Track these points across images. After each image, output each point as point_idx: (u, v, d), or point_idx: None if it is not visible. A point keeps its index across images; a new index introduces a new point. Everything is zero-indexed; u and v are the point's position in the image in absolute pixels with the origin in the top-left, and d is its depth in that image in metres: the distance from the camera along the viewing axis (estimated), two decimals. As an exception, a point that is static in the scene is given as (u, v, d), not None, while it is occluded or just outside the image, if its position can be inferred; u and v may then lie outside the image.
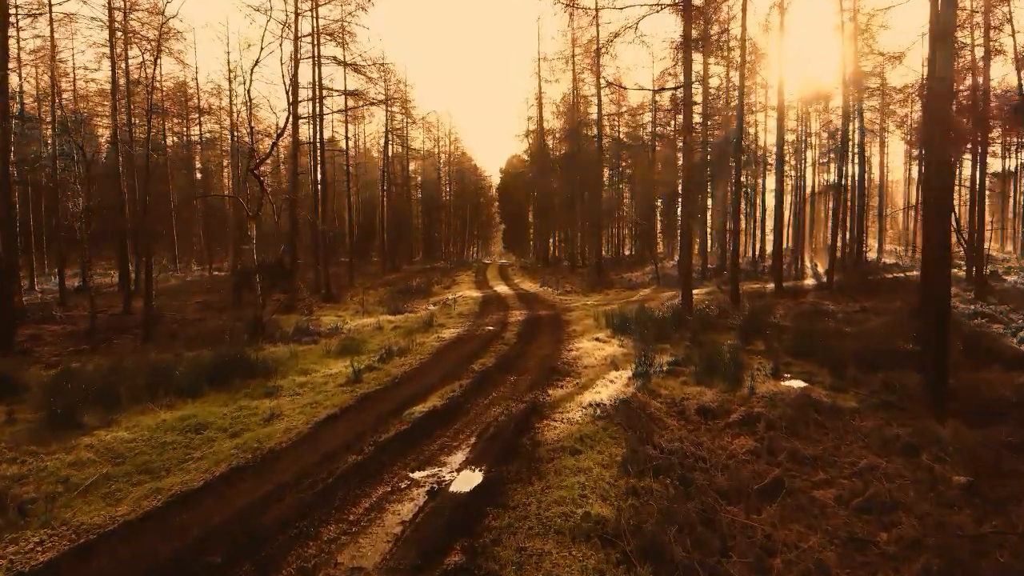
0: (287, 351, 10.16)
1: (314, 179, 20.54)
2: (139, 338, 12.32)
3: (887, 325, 11.69)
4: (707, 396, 6.46)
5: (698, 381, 7.14)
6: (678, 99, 31.33)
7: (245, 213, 11.37)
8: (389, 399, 6.35)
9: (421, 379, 7.24)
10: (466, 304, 16.07)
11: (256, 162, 11.13)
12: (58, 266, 18.01)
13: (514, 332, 10.63)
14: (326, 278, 19.57)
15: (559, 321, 12.35)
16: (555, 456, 4.45)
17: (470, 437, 4.94)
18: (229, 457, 4.80)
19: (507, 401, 6.08)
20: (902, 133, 40.16)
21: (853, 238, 27.63)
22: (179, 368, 8.40)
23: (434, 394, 6.33)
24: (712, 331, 10.87)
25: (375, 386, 7.03)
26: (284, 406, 6.39)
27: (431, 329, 11.55)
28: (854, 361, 8.21)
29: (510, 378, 7.13)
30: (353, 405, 6.17)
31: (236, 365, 8.24)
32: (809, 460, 5.10)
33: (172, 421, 6.05)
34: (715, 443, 5.28)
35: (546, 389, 6.61)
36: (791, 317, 12.58)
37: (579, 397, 6.19)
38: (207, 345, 11.22)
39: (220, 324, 14.15)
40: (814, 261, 35.72)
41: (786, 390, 6.79)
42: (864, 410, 6.36)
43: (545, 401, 6.10)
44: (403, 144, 38.59)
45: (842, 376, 7.66)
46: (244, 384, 7.62)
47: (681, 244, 12.88)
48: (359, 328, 12.92)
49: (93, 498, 4.37)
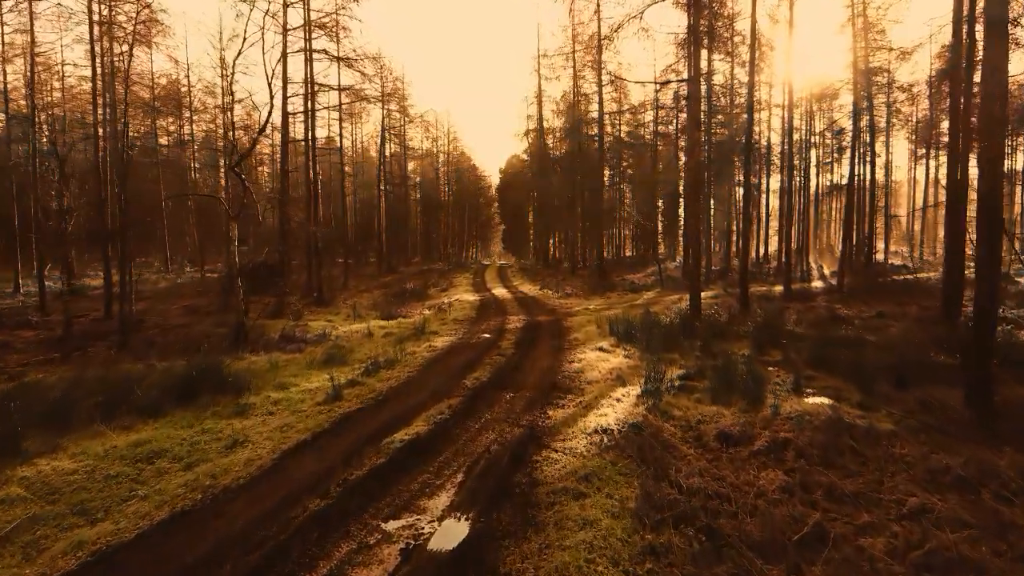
0: (267, 361, 9.46)
1: (307, 178, 19.82)
2: (114, 346, 11.63)
3: (908, 332, 11.02)
4: (726, 418, 5.76)
5: (714, 399, 6.45)
6: (681, 96, 30.69)
7: (227, 213, 10.67)
8: (369, 421, 5.66)
9: (407, 396, 6.54)
10: (462, 309, 15.37)
11: (236, 159, 10.45)
12: (37, 268, 17.26)
13: (511, 341, 9.94)
14: (318, 281, 18.87)
15: (560, 328, 11.66)
16: (556, 501, 3.76)
17: (457, 473, 4.24)
18: (175, 498, 4.11)
19: (501, 425, 5.39)
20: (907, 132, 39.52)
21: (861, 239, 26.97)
22: (150, 380, 7.75)
23: (419, 416, 5.63)
24: (723, 339, 10.18)
25: (356, 404, 6.34)
26: (252, 429, 5.69)
27: (423, 337, 10.86)
28: (882, 375, 7.54)
29: (506, 395, 6.44)
30: (329, 429, 5.48)
31: (208, 378, 7.54)
32: (850, 498, 4.41)
33: (124, 447, 5.36)
34: (740, 477, 4.58)
35: (546, 409, 5.92)
36: (806, 323, 11.89)
37: (583, 420, 5.49)
38: (185, 353, 10.53)
39: (203, 330, 13.48)
40: (819, 263, 35.04)
41: (813, 410, 6.09)
42: (902, 433, 5.66)
43: (545, 425, 5.40)
44: (401, 143, 37.91)
45: (871, 392, 6.97)
46: (214, 401, 6.92)
47: (688, 245, 12.19)
48: (348, 335, 12.23)
49: (11, 549, 3.69)
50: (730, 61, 27.59)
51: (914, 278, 22.84)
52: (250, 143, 10.91)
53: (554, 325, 12.03)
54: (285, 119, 16.53)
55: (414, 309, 16.79)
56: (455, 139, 48.53)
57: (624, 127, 36.18)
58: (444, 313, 14.59)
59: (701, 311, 11.72)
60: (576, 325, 11.97)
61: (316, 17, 17.61)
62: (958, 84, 10.58)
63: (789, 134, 17.22)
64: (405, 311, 16.25)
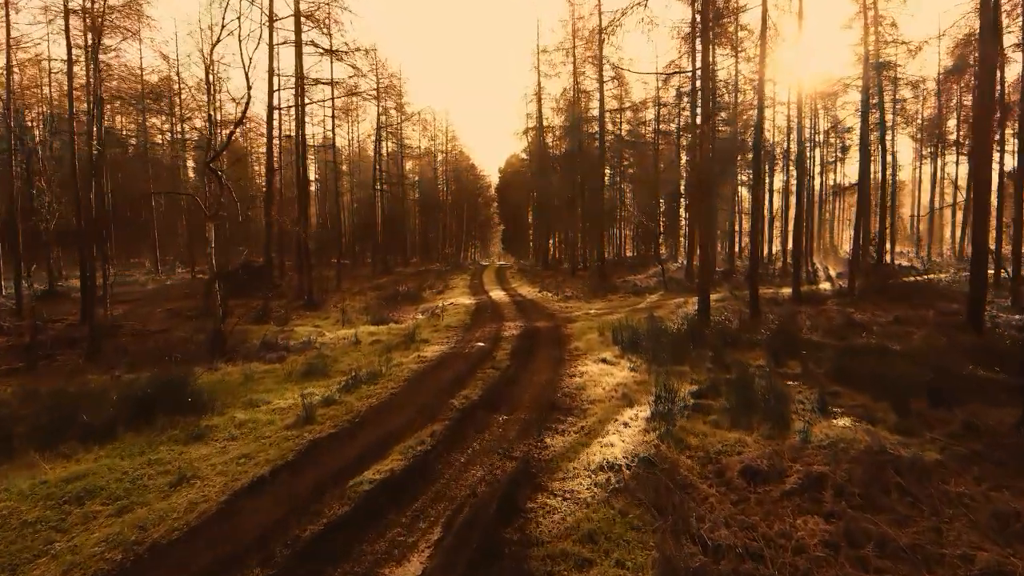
0: (242, 373, 8.73)
1: (298, 177, 19.07)
2: (83, 354, 10.89)
3: (932, 340, 10.29)
4: (750, 447, 5.03)
5: (733, 422, 5.72)
6: (684, 93, 29.94)
7: (203, 213, 9.94)
8: (340, 451, 4.93)
9: (388, 418, 5.81)
10: (456, 313, 14.64)
11: (212, 155, 9.72)
12: (15, 268, 16.50)
13: (507, 351, 9.20)
14: (309, 283, 18.14)
15: (559, 335, 10.92)
16: (554, 570, 3.02)
17: (434, 527, 3.50)
18: (89, 559, 3.37)
19: (491, 457, 4.66)
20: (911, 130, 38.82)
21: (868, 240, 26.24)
22: (109, 396, 7.02)
23: (397, 447, 4.90)
24: (735, 348, 9.45)
25: (329, 428, 5.60)
26: (205, 461, 4.96)
27: (412, 345, 10.12)
28: (915, 391, 6.81)
29: (498, 418, 5.71)
30: (292, 462, 4.74)
31: (170, 395, 6.81)
32: (907, 553, 3.68)
33: (55, 483, 4.63)
34: (774, 527, 3.85)
35: (543, 436, 5.19)
36: (821, 330, 11.16)
37: (586, 451, 4.76)
38: (158, 363, 9.82)
39: (182, 336, 12.75)
40: (824, 263, 34.30)
41: (847, 436, 5.36)
42: (952, 465, 4.93)
43: (541, 457, 4.67)
44: (398, 142, 37.17)
45: (907, 412, 6.23)
46: (172, 422, 6.19)
47: (700, 246, 11.46)
48: (334, 342, 11.50)
49: None
50: (734, 56, 26.88)
51: (925, 280, 22.10)
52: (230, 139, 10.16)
53: (553, 332, 11.30)
54: (271, 114, 15.76)
55: (407, 313, 16.06)
56: (453, 138, 47.79)
57: (625, 125, 35.46)
58: (437, 318, 13.85)
59: (711, 317, 10.99)
60: (577, 332, 11.24)
61: (306, 8, 16.87)
62: (989, 77, 9.84)
63: (799, 131, 16.51)
64: (397, 315, 15.52)
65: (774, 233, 37.03)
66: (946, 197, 40.00)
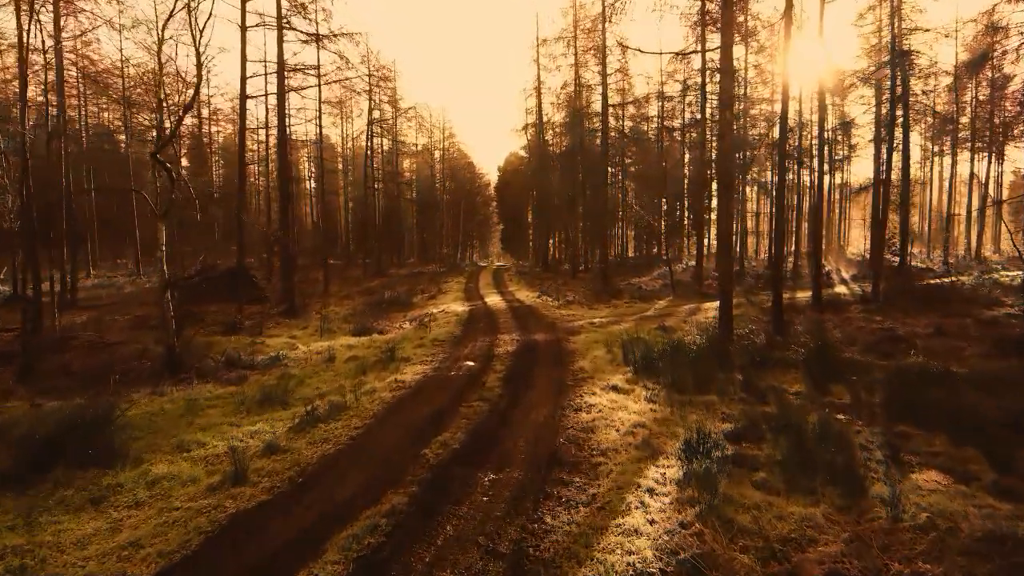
0: (187, 400, 7.39)
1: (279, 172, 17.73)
2: (16, 373, 9.54)
3: (991, 359, 8.95)
4: (823, 531, 3.69)
5: (789, 484, 4.38)
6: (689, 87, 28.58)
7: (152, 210, 8.60)
8: (263, 540, 3.59)
9: (339, 481, 4.47)
10: (447, 323, 13.28)
11: (159, 145, 8.39)
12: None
13: (500, 374, 7.86)
14: (290, 287, 16.79)
15: (561, 352, 9.58)
16: None
17: None
18: None
19: (468, 555, 3.32)
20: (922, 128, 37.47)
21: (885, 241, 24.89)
22: (13, 434, 5.72)
23: (341, 535, 3.55)
24: (766, 370, 8.11)
25: (260, 495, 4.27)
26: (82, 547, 3.63)
27: (391, 365, 8.77)
28: (1003, 431, 5.49)
29: (483, 479, 4.37)
30: (192, 556, 3.40)
31: (83, 436, 5.49)
32: None
33: None
34: None
35: (541, 511, 3.86)
36: (860, 346, 9.82)
37: (602, 543, 3.42)
38: (97, 385, 8.50)
39: (138, 349, 11.39)
40: (836, 265, 32.98)
41: (946, 508, 4.02)
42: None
43: (539, 553, 3.33)
44: (392, 138, 35.80)
45: (1008, 466, 4.89)
46: (70, 477, 4.86)
47: (719, 246, 10.14)
48: (306, 358, 10.16)
49: None
50: (744, 46, 25.56)
51: (949, 283, 20.75)
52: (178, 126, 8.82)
53: (554, 347, 9.96)
54: (243, 103, 14.38)
55: (394, 322, 14.72)
56: (451, 135, 46.38)
57: (627, 121, 34.11)
58: (425, 329, 12.51)
59: (733, 331, 9.65)
60: (581, 347, 9.91)
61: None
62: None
63: (820, 124, 15.18)
64: (383, 324, 14.18)
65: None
66: (961, 197, 38.69)
